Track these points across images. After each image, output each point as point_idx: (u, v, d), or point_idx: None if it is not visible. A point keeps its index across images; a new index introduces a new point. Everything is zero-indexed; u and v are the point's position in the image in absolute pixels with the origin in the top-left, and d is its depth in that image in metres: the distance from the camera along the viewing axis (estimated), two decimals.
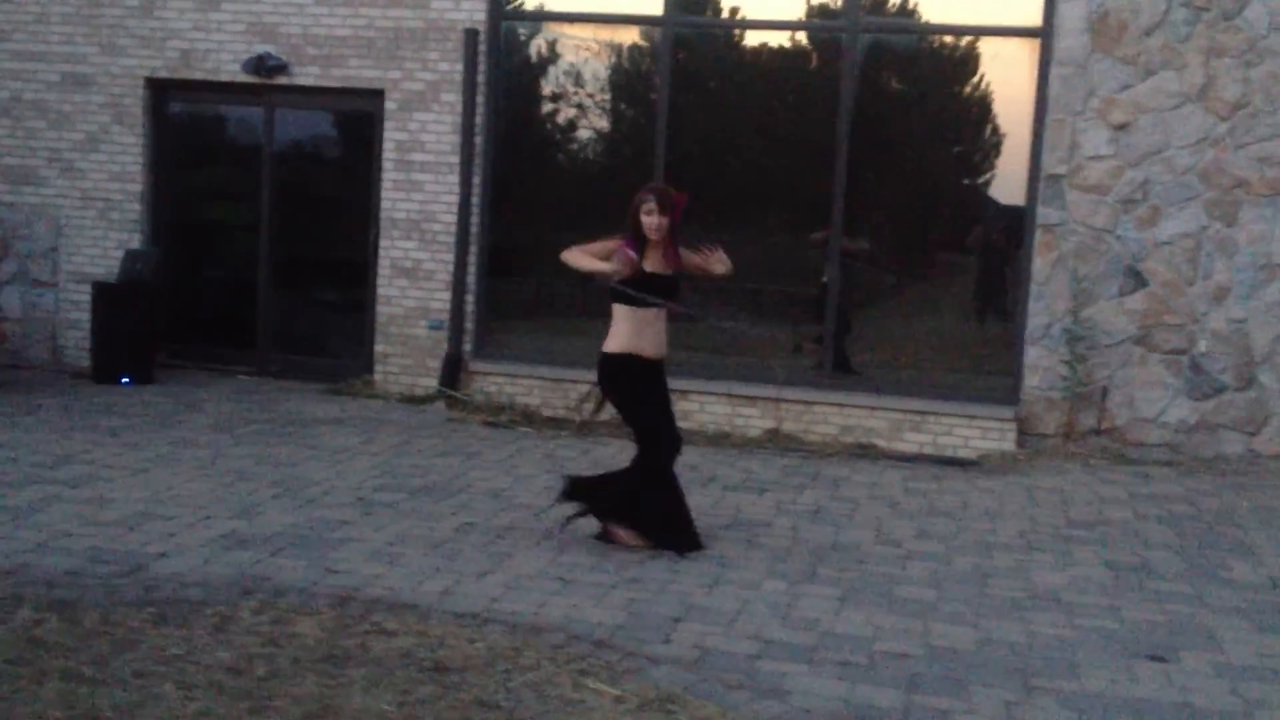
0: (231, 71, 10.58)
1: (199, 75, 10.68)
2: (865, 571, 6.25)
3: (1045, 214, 9.18)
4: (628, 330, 6.36)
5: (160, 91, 10.91)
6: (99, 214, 10.91)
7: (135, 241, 10.85)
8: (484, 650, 4.91)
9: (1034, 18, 9.28)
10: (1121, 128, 9.05)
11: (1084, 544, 6.93)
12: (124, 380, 10.23)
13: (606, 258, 6.36)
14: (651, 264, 6.35)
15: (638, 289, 6.30)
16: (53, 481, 7.13)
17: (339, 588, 5.57)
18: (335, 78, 10.42)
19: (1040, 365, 9.21)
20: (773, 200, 10.27)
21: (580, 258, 6.48)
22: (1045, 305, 9.20)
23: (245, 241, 10.94)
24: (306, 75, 10.47)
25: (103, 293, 10.39)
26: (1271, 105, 8.84)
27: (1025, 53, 9.43)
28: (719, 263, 6.48)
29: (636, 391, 6.45)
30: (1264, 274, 8.92)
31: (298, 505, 6.89)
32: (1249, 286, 8.95)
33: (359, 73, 10.36)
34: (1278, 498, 8.17)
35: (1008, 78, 9.62)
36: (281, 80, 10.51)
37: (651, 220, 6.30)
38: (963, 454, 9.12)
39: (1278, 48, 8.81)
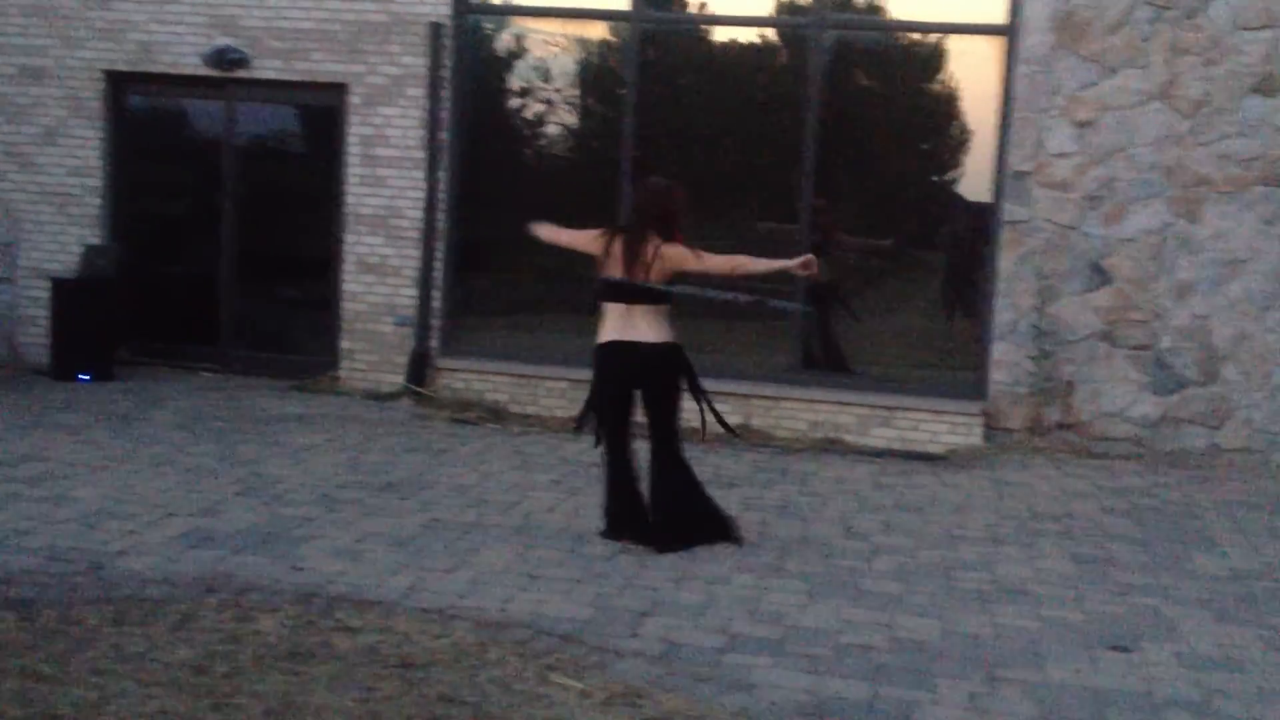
0: (192, 64, 10.47)
1: (159, 68, 10.56)
2: (832, 565, 6.25)
3: (1011, 211, 9.22)
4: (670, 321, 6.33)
5: (119, 85, 10.78)
6: (57, 209, 10.78)
7: (95, 237, 10.73)
8: (449, 646, 4.88)
9: (1000, 15, 9.31)
10: (1086, 125, 9.10)
11: (1049, 537, 6.97)
12: (84, 377, 10.11)
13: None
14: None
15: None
16: (11, 479, 7.04)
17: (303, 585, 5.52)
18: (298, 71, 10.34)
19: (1007, 361, 9.25)
20: (740, 196, 10.27)
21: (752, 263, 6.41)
22: (1011, 302, 9.24)
23: (207, 237, 10.84)
24: (268, 69, 10.37)
25: (62, 289, 10.27)
26: (1233, 103, 8.91)
27: (991, 50, 9.46)
28: None
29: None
30: (1226, 270, 8.99)
31: (261, 503, 6.83)
32: (1212, 283, 9.01)
33: (322, 66, 10.28)
34: (1239, 491, 8.25)
35: (974, 75, 9.65)
36: (242, 74, 10.42)
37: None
38: (930, 449, 9.14)
39: (1240, 46, 8.88)
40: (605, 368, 6.37)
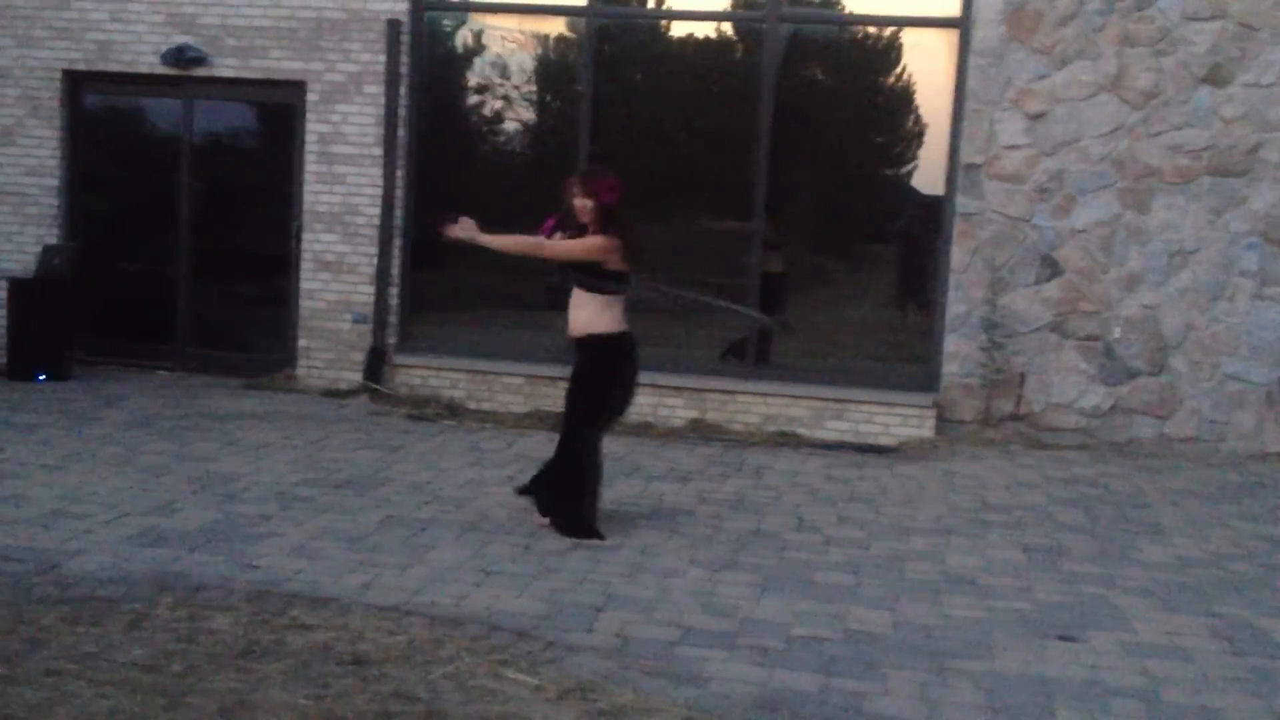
0: (150, 63, 10.43)
1: (116, 67, 10.52)
2: (785, 558, 6.31)
3: (963, 203, 9.31)
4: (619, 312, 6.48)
5: (77, 84, 10.72)
6: (14, 209, 10.71)
7: (52, 236, 10.67)
8: (403, 643, 4.90)
9: (953, 8, 9.40)
10: (1037, 117, 9.20)
11: (999, 527, 7.06)
12: (40, 377, 10.06)
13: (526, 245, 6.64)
14: None
15: (568, 273, 6.51)
16: None
17: (257, 583, 5.53)
18: (255, 69, 10.31)
19: (959, 353, 9.35)
20: (696, 190, 10.32)
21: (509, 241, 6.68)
22: (963, 294, 9.33)
23: (164, 235, 10.79)
24: (226, 67, 10.34)
25: (18, 288, 10.21)
26: (1183, 94, 9.02)
27: (944, 43, 9.55)
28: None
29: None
30: (1175, 261, 9.11)
31: (216, 501, 6.83)
32: (1161, 273, 9.14)
33: (279, 64, 10.26)
34: (1188, 480, 8.37)
35: (927, 68, 9.74)
36: (200, 72, 10.39)
37: (576, 203, 6.42)
38: (883, 441, 9.23)
39: (1189, 37, 8.99)
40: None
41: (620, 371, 6.53)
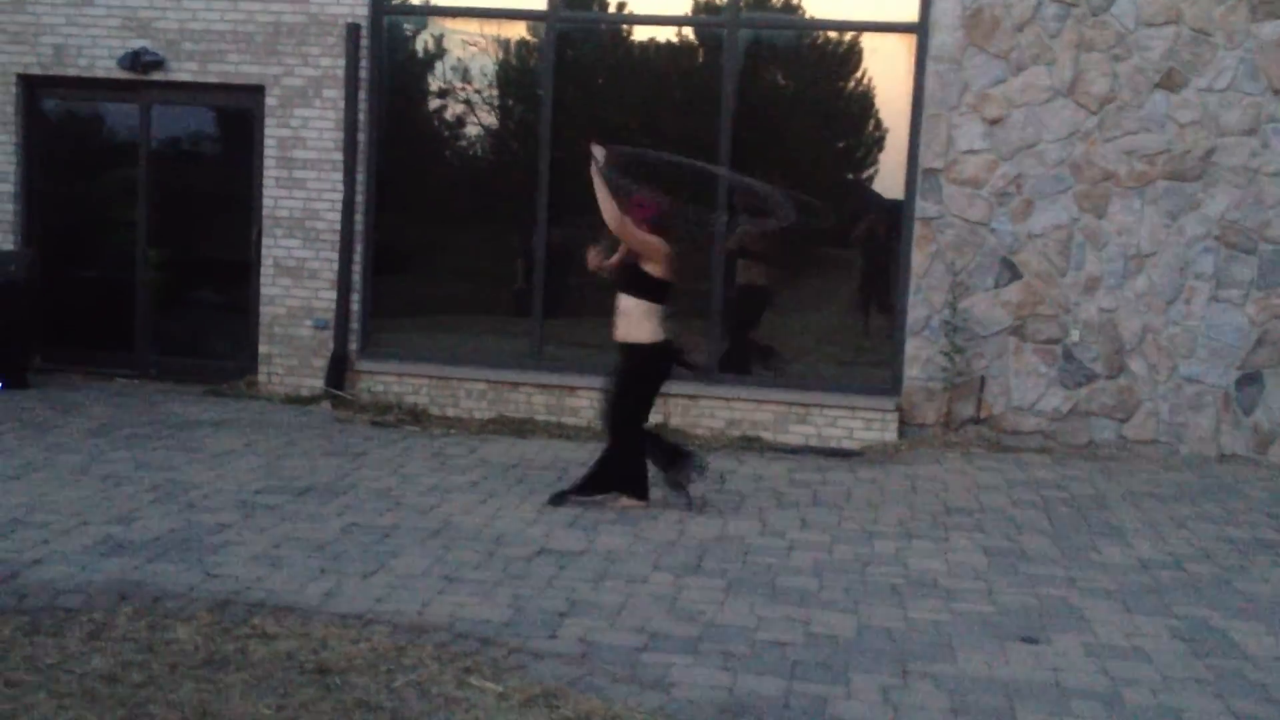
0: (107, 67, 10.35)
1: (73, 71, 10.43)
2: (749, 562, 6.33)
3: (923, 207, 9.37)
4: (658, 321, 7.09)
5: (33, 88, 10.62)
6: None
7: (8, 242, 10.56)
8: (367, 651, 4.88)
9: (910, 13, 9.47)
10: (995, 122, 9.27)
11: (961, 530, 7.10)
12: None
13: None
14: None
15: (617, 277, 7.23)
16: None
17: (219, 592, 5.49)
18: (214, 73, 10.25)
19: (920, 356, 9.41)
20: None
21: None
22: (924, 298, 9.39)
23: (123, 241, 10.70)
24: (184, 71, 10.28)
25: None
26: (1138, 99, 9.12)
27: (903, 48, 9.61)
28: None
29: None
30: (1132, 264, 9.20)
31: (177, 509, 6.78)
32: (1118, 277, 9.23)
33: (238, 68, 10.20)
34: (1147, 482, 8.45)
35: (887, 73, 9.79)
36: (158, 76, 10.31)
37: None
38: (846, 445, 9.27)
39: (1144, 42, 9.09)
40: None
41: (662, 376, 7.26)
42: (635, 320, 7.03)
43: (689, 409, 9.55)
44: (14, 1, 10.38)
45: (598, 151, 7.12)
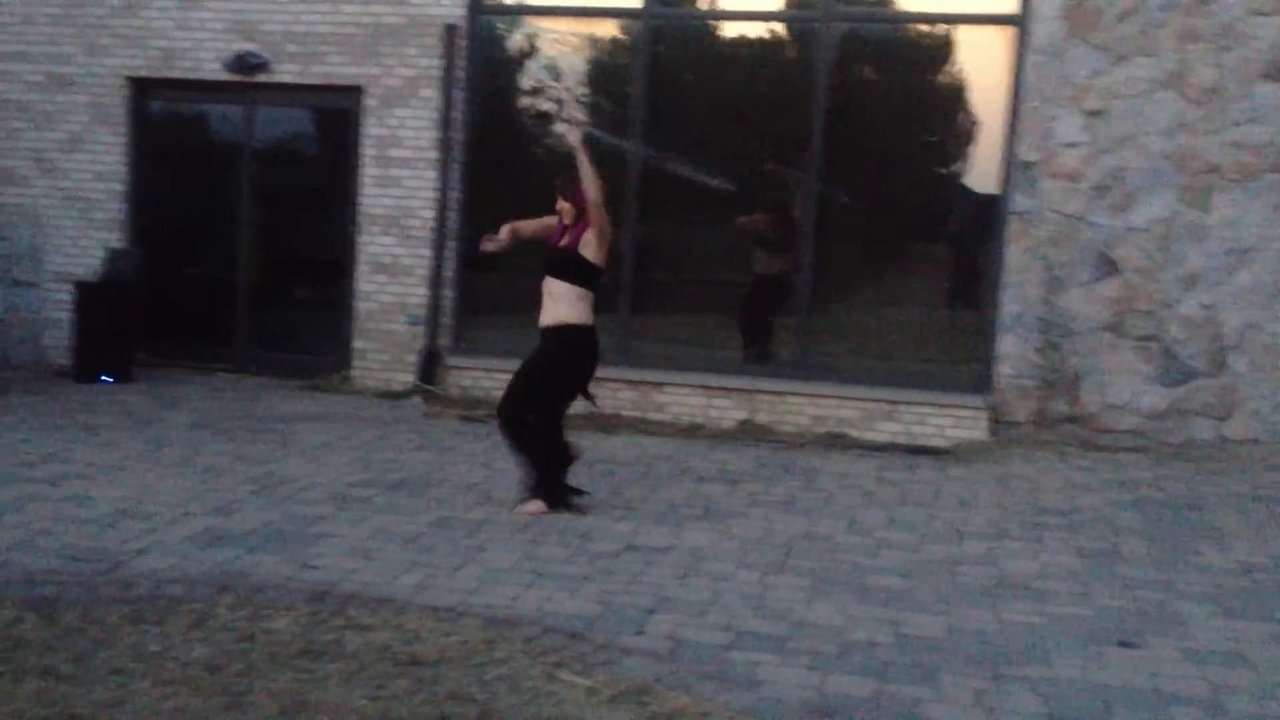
0: (212, 70, 10.60)
1: (180, 74, 10.71)
2: (837, 561, 6.30)
3: (1018, 202, 9.25)
4: (589, 306, 6.98)
5: (142, 90, 10.93)
6: (80, 213, 10.94)
7: (117, 240, 10.87)
8: (458, 643, 4.94)
9: (1010, 5, 9.34)
10: (1095, 114, 9.11)
11: (1055, 531, 7.00)
12: (105, 379, 10.25)
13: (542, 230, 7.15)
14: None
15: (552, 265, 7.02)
16: (32, 480, 7.16)
17: (315, 583, 5.60)
18: (315, 75, 10.45)
19: (1012, 353, 9.28)
20: (749, 191, 10.31)
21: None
22: (1017, 293, 9.26)
23: (225, 239, 10.96)
24: (286, 72, 10.49)
25: (84, 292, 10.41)
26: (1244, 90, 8.90)
27: (1001, 40, 9.48)
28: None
29: None
30: (1234, 259, 9.00)
31: (275, 501, 6.93)
32: (1220, 272, 9.02)
33: (338, 69, 10.38)
34: (1247, 483, 8.25)
35: (982, 65, 9.67)
36: (262, 78, 10.54)
37: (559, 206, 7.04)
38: (935, 442, 9.18)
39: (1251, 32, 8.87)
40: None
41: (587, 360, 7.04)
42: (569, 303, 6.87)
43: (774, 405, 9.53)
44: (125, 6, 10.68)
45: (572, 134, 6.98)
